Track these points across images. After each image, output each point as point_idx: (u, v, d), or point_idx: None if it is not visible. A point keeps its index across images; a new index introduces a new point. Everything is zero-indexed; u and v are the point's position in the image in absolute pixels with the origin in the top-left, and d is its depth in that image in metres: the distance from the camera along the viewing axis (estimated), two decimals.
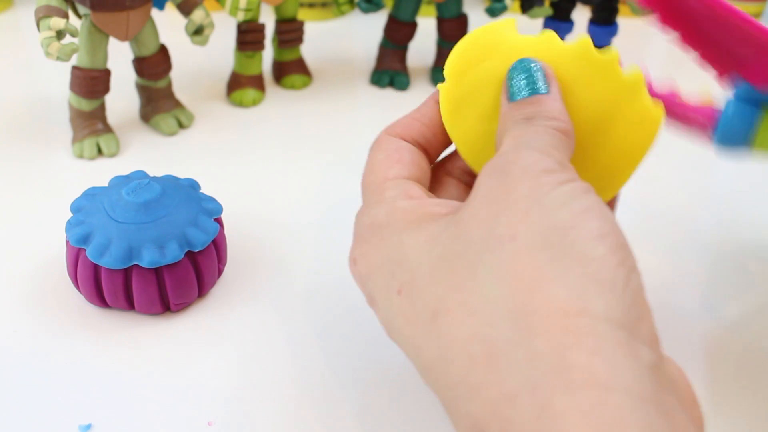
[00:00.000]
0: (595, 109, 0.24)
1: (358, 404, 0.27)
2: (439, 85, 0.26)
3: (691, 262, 0.36)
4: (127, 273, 0.30)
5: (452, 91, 0.25)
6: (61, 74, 0.46)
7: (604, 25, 0.51)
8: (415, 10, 0.52)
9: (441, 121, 0.26)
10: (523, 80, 0.23)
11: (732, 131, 0.26)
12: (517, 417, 0.16)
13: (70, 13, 0.40)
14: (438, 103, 0.26)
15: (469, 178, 0.27)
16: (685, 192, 0.42)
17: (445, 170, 0.27)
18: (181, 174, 0.36)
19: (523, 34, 0.25)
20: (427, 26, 0.56)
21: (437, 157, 0.27)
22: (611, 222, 0.19)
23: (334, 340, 0.30)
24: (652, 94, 0.26)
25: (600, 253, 0.18)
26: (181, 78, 0.51)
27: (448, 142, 0.26)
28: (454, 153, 0.27)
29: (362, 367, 0.29)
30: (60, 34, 0.38)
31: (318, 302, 0.32)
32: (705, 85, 0.30)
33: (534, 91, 0.23)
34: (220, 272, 0.33)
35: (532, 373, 0.16)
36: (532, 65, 0.23)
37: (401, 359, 0.29)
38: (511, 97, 0.23)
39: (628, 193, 0.32)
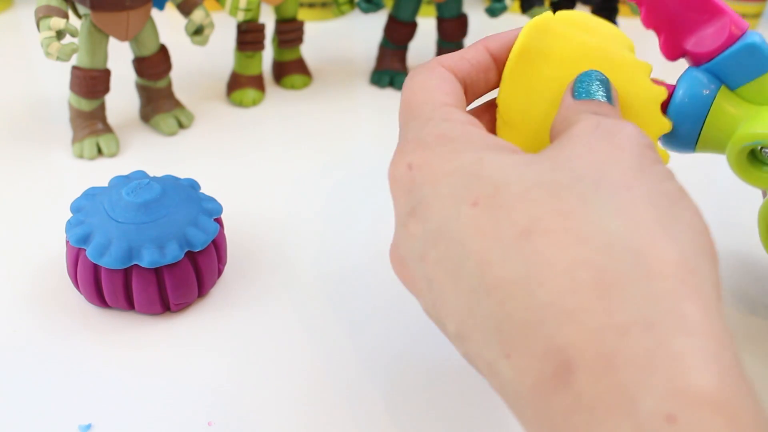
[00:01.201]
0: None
1: (359, 404, 0.27)
2: (522, 31, 0.26)
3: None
4: (127, 273, 0.30)
5: (532, 42, 0.25)
6: (61, 74, 0.46)
7: None
8: (415, 10, 0.52)
9: (487, 67, 0.26)
10: (593, 85, 0.24)
11: (688, 104, 0.26)
12: (625, 349, 0.16)
13: (70, 13, 0.40)
14: (487, 51, 0.26)
15: None
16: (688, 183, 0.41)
17: None
18: (181, 174, 0.36)
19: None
20: (427, 26, 0.56)
21: (471, 102, 0.26)
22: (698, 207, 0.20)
23: (335, 340, 0.30)
24: None
25: (702, 227, 0.19)
26: (181, 78, 0.51)
27: (486, 90, 0.27)
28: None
29: (363, 367, 0.29)
30: (60, 34, 0.38)
31: (318, 302, 0.32)
32: None
33: (600, 97, 0.24)
34: (220, 272, 0.33)
35: (650, 311, 0.17)
36: (601, 77, 0.24)
37: (402, 358, 0.29)
38: (578, 95, 0.24)
39: None
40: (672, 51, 0.27)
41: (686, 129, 0.26)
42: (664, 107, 0.26)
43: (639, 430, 0.15)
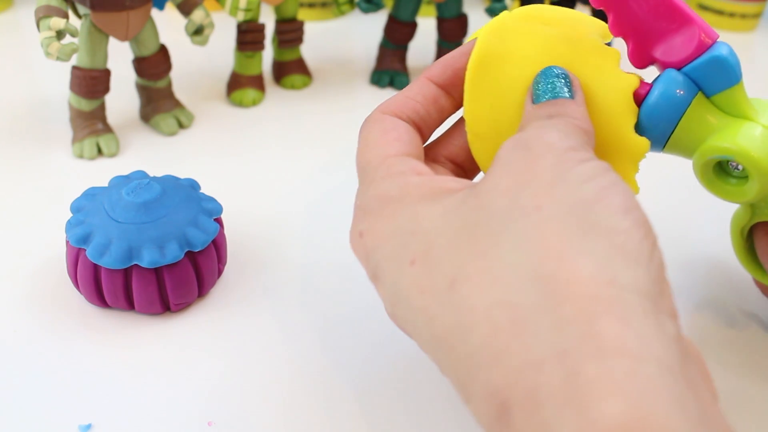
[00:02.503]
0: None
1: (359, 403, 0.27)
2: (479, 38, 0.25)
3: (696, 257, 0.36)
4: (127, 273, 0.30)
5: (491, 46, 0.25)
6: (61, 74, 0.46)
7: None
8: (415, 10, 0.52)
9: (435, 97, 0.26)
10: (549, 85, 0.24)
11: (663, 104, 0.25)
12: (544, 384, 0.16)
13: (70, 13, 0.40)
14: (430, 81, 0.26)
15: (452, 166, 0.27)
16: (683, 188, 0.42)
17: (431, 156, 0.27)
18: (181, 174, 0.36)
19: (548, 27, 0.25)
20: (427, 26, 0.56)
21: (429, 136, 0.27)
22: (633, 198, 0.19)
23: (335, 340, 0.30)
24: None
25: (625, 226, 0.18)
26: (181, 78, 0.51)
27: (440, 121, 0.26)
28: (439, 139, 0.27)
29: (363, 367, 0.29)
30: (60, 34, 0.38)
31: (318, 302, 0.32)
32: None
33: (558, 95, 0.23)
34: (220, 272, 0.33)
35: (560, 339, 0.16)
36: (559, 72, 0.24)
37: (403, 357, 0.29)
38: (536, 99, 0.24)
39: None
40: (640, 59, 0.26)
41: (658, 129, 0.25)
42: (638, 101, 0.25)
43: None
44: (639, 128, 0.25)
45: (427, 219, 0.21)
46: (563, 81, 0.24)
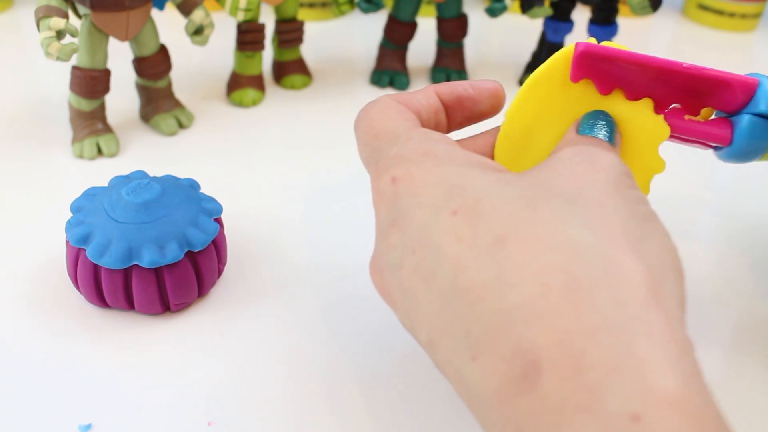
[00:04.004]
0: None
1: (359, 403, 0.27)
2: (558, 54, 0.26)
3: (698, 251, 0.36)
4: (127, 273, 0.30)
5: (559, 68, 0.26)
6: (61, 74, 0.46)
7: (604, 25, 0.51)
8: (415, 10, 0.52)
9: (437, 109, 0.26)
10: (598, 124, 0.25)
11: (750, 145, 0.26)
12: (592, 351, 0.17)
13: (70, 13, 0.40)
14: (437, 95, 0.27)
15: None
16: (691, 181, 0.42)
17: None
18: (181, 174, 0.36)
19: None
20: (427, 26, 0.56)
21: None
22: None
23: (335, 340, 0.30)
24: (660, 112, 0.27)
25: (670, 246, 0.20)
26: (181, 78, 0.51)
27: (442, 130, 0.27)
28: (465, 139, 0.28)
29: (364, 367, 0.29)
30: (60, 34, 0.38)
31: (318, 302, 0.32)
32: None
33: (605, 137, 0.25)
34: (220, 272, 0.33)
35: (617, 316, 0.17)
36: (609, 119, 0.25)
37: (405, 357, 0.29)
38: (581, 130, 0.25)
39: None
40: (693, 112, 0.27)
41: (751, 155, 0.27)
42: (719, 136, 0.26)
43: (605, 430, 0.16)
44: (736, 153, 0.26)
45: (476, 180, 0.21)
46: (609, 127, 0.25)
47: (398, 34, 0.52)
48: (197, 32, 0.45)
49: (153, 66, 0.44)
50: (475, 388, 0.19)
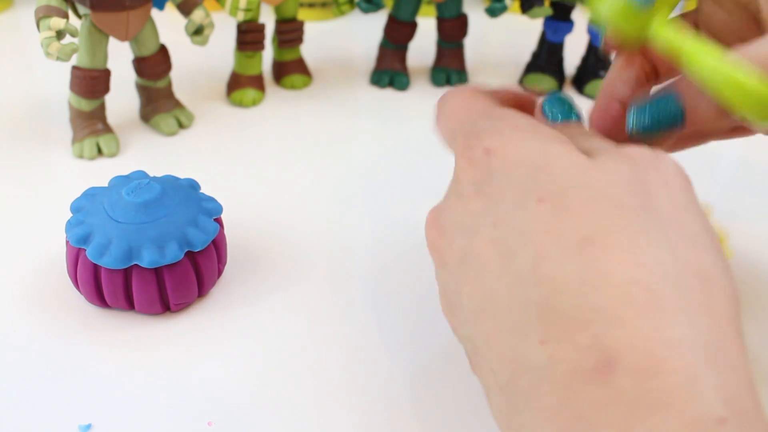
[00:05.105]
0: None
1: (360, 403, 0.27)
2: None
3: None
4: (127, 273, 0.30)
5: None
6: (61, 74, 0.46)
7: None
8: (415, 10, 0.52)
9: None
10: (562, 107, 0.26)
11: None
12: (672, 358, 0.17)
13: (70, 13, 0.40)
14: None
15: None
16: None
17: None
18: (181, 174, 0.36)
19: None
20: (427, 26, 0.56)
21: None
22: None
23: (335, 340, 0.30)
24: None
25: (727, 265, 0.21)
26: (181, 78, 0.51)
27: None
28: None
29: (364, 367, 0.29)
30: (60, 34, 0.38)
31: (318, 301, 0.32)
32: None
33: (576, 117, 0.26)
34: (220, 272, 0.33)
35: (696, 337, 0.18)
36: (563, 98, 0.26)
37: (403, 358, 0.29)
38: (554, 118, 0.26)
39: None
40: None
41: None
42: None
43: (688, 429, 0.16)
44: None
45: (560, 162, 0.21)
46: (569, 107, 0.26)
47: (398, 34, 0.52)
48: (197, 32, 0.45)
49: (153, 66, 0.44)
50: (535, 370, 0.19)
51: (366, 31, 0.62)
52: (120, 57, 0.46)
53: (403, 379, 0.29)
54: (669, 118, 0.26)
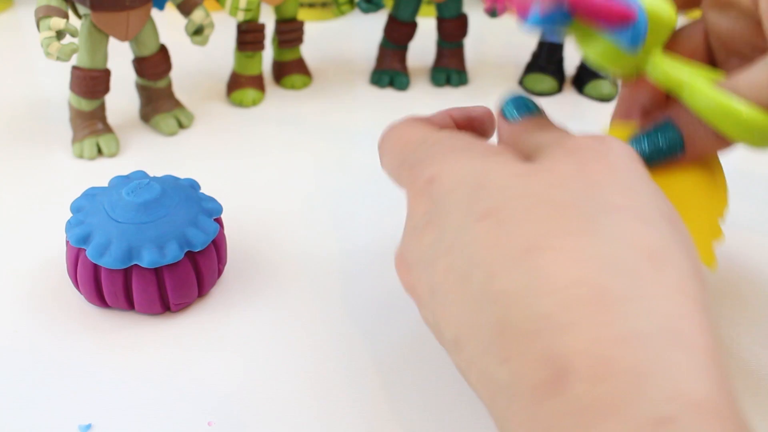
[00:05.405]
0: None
1: (360, 403, 0.27)
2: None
3: None
4: (127, 273, 0.30)
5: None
6: (61, 74, 0.46)
7: None
8: (415, 10, 0.52)
9: (453, 127, 0.27)
10: (523, 104, 0.26)
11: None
12: (622, 358, 0.17)
13: (70, 13, 0.40)
14: (451, 118, 0.28)
15: None
16: None
17: None
18: (181, 174, 0.36)
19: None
20: (427, 26, 0.56)
21: None
22: None
23: (335, 340, 0.30)
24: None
25: (694, 253, 0.20)
26: (181, 78, 0.51)
27: None
28: None
29: (364, 367, 0.29)
30: (60, 34, 0.38)
31: (318, 302, 0.32)
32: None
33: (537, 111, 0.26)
34: (220, 272, 0.33)
35: (647, 327, 0.17)
36: (524, 98, 0.26)
37: (403, 357, 0.29)
38: (510, 115, 0.26)
39: None
40: None
41: None
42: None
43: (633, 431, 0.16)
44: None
45: (497, 176, 0.21)
46: (528, 103, 0.26)
47: (398, 34, 0.52)
48: (197, 32, 0.45)
49: (153, 66, 0.44)
50: (504, 390, 0.19)
51: (366, 31, 0.62)
52: (120, 57, 0.46)
53: (404, 379, 0.29)
54: (668, 147, 0.26)
